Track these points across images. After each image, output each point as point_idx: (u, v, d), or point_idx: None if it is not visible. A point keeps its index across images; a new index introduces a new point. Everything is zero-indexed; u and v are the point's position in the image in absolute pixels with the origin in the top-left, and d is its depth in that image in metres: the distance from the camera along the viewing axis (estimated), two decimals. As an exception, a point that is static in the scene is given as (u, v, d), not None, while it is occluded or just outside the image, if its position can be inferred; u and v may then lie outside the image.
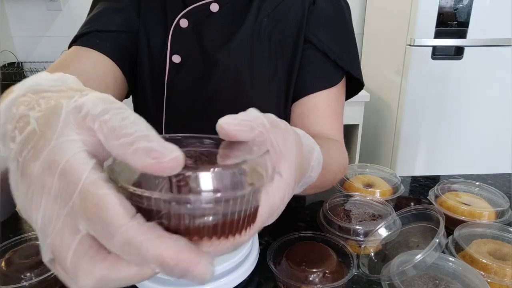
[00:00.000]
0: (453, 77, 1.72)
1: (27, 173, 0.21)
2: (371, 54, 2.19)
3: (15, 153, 0.22)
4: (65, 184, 0.20)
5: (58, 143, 0.21)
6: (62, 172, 0.20)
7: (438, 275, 0.47)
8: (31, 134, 0.22)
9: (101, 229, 0.19)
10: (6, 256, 0.50)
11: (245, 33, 0.66)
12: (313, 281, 0.47)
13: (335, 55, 0.66)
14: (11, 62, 2.14)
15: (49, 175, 0.20)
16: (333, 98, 0.68)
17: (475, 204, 0.64)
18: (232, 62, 0.66)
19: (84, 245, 0.20)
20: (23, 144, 0.22)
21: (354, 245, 0.56)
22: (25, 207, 0.21)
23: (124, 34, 0.65)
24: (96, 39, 0.63)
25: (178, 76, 0.67)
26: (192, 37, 0.66)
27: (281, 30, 0.67)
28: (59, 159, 0.20)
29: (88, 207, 0.19)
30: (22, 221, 0.66)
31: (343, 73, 0.69)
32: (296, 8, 0.67)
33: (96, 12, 0.66)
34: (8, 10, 2.12)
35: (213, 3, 0.66)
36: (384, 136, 2.00)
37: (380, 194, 0.67)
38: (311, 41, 0.67)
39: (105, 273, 0.20)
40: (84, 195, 0.19)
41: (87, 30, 0.63)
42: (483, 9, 1.61)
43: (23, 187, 0.21)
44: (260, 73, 0.66)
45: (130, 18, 0.66)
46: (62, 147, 0.21)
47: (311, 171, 0.38)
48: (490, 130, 1.81)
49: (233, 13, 0.67)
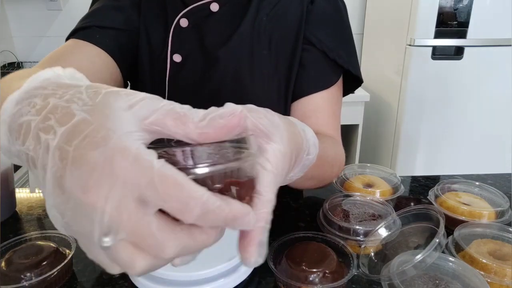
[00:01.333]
0: (453, 77, 1.72)
1: (86, 160, 0.21)
2: (371, 54, 2.19)
3: (58, 142, 0.22)
4: (139, 168, 0.21)
5: (124, 134, 0.22)
6: (135, 157, 0.21)
7: (438, 275, 0.47)
8: (82, 124, 0.22)
9: (180, 205, 0.21)
10: (6, 256, 0.50)
11: (245, 32, 0.66)
12: (313, 281, 0.47)
13: (334, 53, 0.67)
14: (11, 62, 2.14)
15: (122, 160, 0.21)
16: (332, 98, 0.68)
17: (475, 204, 0.64)
18: (232, 61, 0.66)
19: (163, 221, 0.22)
20: (71, 133, 0.22)
21: (354, 245, 0.56)
22: (81, 195, 0.22)
23: (124, 32, 0.65)
24: (96, 34, 0.62)
25: (179, 75, 0.67)
26: (192, 36, 0.66)
27: (280, 28, 0.67)
28: (130, 146, 0.22)
29: (167, 187, 0.21)
30: (22, 221, 0.66)
31: (341, 71, 0.69)
32: (294, 7, 0.67)
33: (96, 7, 0.66)
34: (8, 10, 2.12)
35: (213, 2, 0.66)
36: (384, 136, 2.00)
37: (380, 194, 0.67)
38: (311, 40, 0.67)
39: (186, 241, 0.22)
40: (161, 177, 0.21)
41: (87, 25, 0.63)
42: (483, 9, 1.61)
43: (79, 175, 0.22)
44: (260, 71, 0.67)
45: (131, 17, 0.66)
46: (128, 137, 0.22)
47: (308, 152, 0.37)
48: (490, 130, 1.81)
49: (232, 13, 0.67)
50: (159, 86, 0.68)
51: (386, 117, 1.96)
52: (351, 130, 2.06)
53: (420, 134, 1.81)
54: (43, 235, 0.55)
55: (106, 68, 0.62)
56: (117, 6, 0.66)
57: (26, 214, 0.68)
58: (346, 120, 1.91)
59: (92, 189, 0.21)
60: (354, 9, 2.23)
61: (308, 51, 0.67)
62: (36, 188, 0.76)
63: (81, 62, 0.58)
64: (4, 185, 0.66)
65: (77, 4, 2.11)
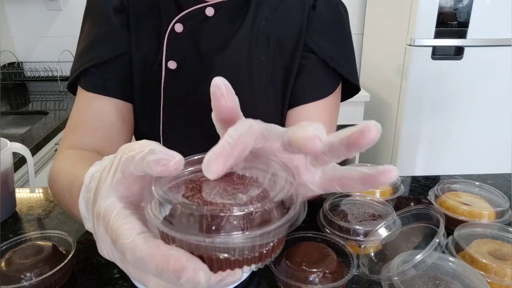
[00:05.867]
0: (453, 77, 1.72)
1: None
2: (371, 54, 2.19)
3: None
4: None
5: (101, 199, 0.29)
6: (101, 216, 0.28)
7: (438, 275, 0.47)
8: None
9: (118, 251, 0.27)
10: (6, 256, 0.50)
11: (242, 37, 0.64)
12: (313, 281, 0.47)
13: (334, 62, 0.66)
14: (11, 62, 2.14)
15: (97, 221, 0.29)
16: (329, 107, 0.67)
17: (475, 204, 0.64)
18: (229, 67, 0.65)
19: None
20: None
21: (354, 245, 0.56)
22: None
23: (119, 58, 0.66)
24: (97, 80, 0.66)
25: (174, 83, 0.66)
26: (187, 42, 0.65)
27: (279, 33, 0.66)
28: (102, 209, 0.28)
29: (111, 235, 0.27)
30: (22, 221, 0.66)
31: (339, 79, 0.68)
32: (295, 12, 0.66)
33: (87, 42, 0.67)
34: (8, 10, 2.12)
35: (208, 7, 0.64)
36: (384, 136, 2.00)
37: (380, 194, 0.67)
38: (311, 47, 0.66)
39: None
40: (111, 229, 0.27)
41: (86, 66, 0.65)
42: (483, 9, 1.61)
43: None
44: (258, 77, 0.65)
45: (120, 38, 0.66)
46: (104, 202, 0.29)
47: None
48: (490, 130, 1.81)
49: (229, 17, 0.65)
50: (155, 95, 0.67)
51: (386, 117, 1.96)
52: (351, 130, 2.06)
53: (420, 134, 1.81)
54: (43, 235, 0.55)
55: (116, 114, 0.67)
56: (105, 33, 0.66)
57: (26, 214, 0.68)
58: (346, 120, 1.90)
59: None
60: (354, 9, 2.23)
61: (307, 58, 0.66)
62: (36, 188, 0.76)
63: (96, 123, 0.66)
64: (4, 185, 0.66)
65: (77, 4, 2.11)
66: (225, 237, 0.24)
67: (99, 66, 0.66)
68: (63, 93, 1.97)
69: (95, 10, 0.67)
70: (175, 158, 0.26)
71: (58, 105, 1.81)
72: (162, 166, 0.26)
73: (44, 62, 2.12)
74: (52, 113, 1.70)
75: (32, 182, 0.74)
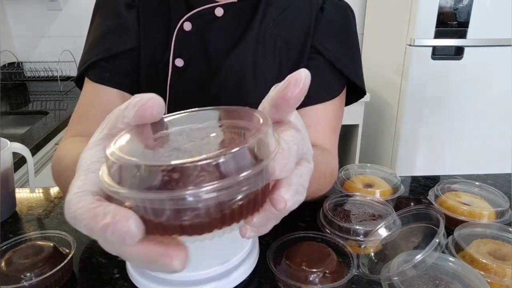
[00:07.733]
0: (453, 77, 1.72)
1: None
2: (371, 54, 2.19)
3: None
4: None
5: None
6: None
7: (438, 275, 0.47)
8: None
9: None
10: (6, 256, 0.50)
11: (250, 38, 0.65)
12: (313, 281, 0.47)
13: (341, 64, 0.66)
14: (11, 62, 2.14)
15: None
16: (333, 110, 0.67)
17: (475, 204, 0.64)
18: (236, 67, 0.65)
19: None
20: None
21: (354, 245, 0.56)
22: None
23: (128, 53, 0.66)
24: (105, 72, 0.66)
25: (180, 80, 0.66)
26: (195, 40, 0.66)
27: (287, 35, 0.66)
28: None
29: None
30: (22, 221, 0.66)
31: (345, 82, 0.68)
32: (303, 14, 0.66)
33: (97, 35, 0.67)
34: (8, 10, 2.12)
35: (218, 7, 0.65)
36: (384, 136, 2.00)
37: (380, 194, 0.67)
38: (318, 49, 0.66)
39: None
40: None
41: (95, 59, 0.65)
42: (483, 9, 1.61)
43: None
44: (264, 78, 0.66)
45: (131, 32, 0.66)
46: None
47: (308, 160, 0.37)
48: (490, 130, 1.81)
49: (237, 18, 0.66)
50: (161, 92, 0.67)
51: (386, 117, 1.96)
52: (351, 130, 2.06)
53: (420, 134, 1.81)
54: (43, 235, 0.55)
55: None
56: (116, 27, 0.66)
57: (26, 214, 0.68)
58: (346, 120, 1.90)
59: None
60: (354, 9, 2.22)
61: (314, 59, 0.66)
62: (36, 188, 0.76)
63: (102, 114, 0.66)
64: (4, 185, 0.66)
65: (77, 4, 2.11)
66: (181, 191, 0.20)
67: (108, 59, 0.66)
68: (63, 93, 1.97)
69: (107, 3, 0.68)
70: (150, 95, 0.25)
71: (58, 105, 1.81)
72: (138, 108, 0.25)
73: (44, 62, 2.12)
74: (52, 113, 1.70)
75: (32, 182, 0.74)
